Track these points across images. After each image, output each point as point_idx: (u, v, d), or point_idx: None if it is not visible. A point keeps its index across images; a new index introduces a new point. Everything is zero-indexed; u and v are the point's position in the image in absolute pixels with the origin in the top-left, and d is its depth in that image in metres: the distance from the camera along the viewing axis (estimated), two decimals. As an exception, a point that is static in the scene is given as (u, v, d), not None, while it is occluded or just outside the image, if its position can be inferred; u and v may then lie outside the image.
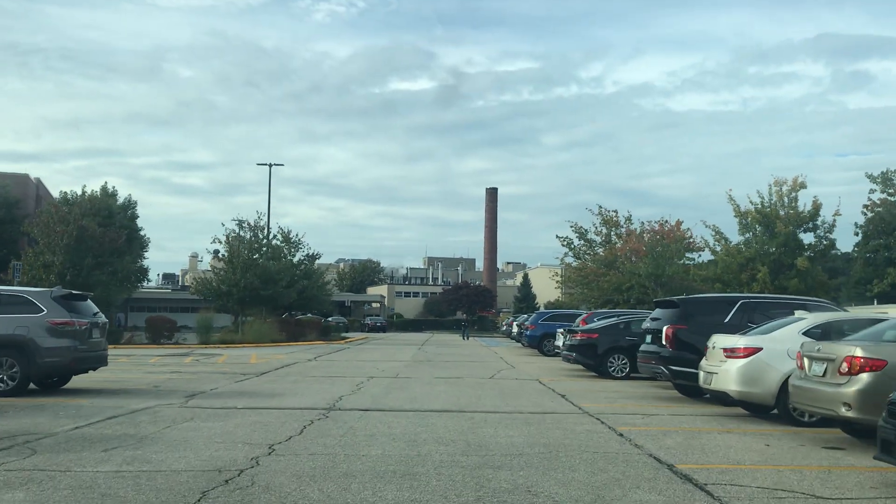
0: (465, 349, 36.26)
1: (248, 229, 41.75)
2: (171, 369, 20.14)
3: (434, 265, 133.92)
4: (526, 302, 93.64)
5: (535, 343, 29.86)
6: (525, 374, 20.20)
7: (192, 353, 28.27)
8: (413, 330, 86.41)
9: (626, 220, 59.20)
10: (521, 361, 25.76)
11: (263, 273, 40.81)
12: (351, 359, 26.14)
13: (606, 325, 19.18)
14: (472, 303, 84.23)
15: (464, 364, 23.90)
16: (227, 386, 15.74)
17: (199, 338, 36.08)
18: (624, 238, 57.78)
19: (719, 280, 42.76)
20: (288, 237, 49.83)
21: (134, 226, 55.32)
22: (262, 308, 45.52)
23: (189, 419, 10.46)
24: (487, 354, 31.03)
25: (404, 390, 15.13)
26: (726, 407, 12.40)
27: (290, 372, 19.80)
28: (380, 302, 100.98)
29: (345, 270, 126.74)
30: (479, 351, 34.53)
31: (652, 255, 48.50)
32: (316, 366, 22.33)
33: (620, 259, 55.65)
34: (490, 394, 14.68)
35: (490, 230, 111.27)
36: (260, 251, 41.80)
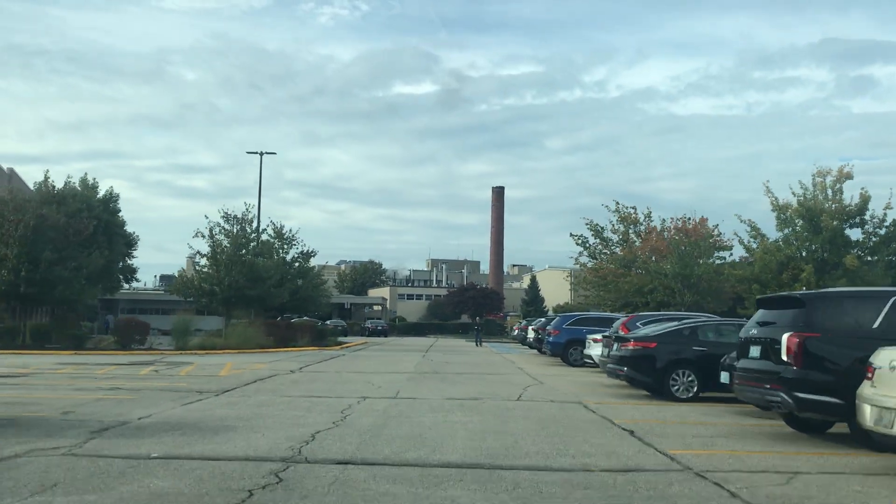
0: (475, 356, 32.05)
1: (234, 223, 37.61)
2: (113, 384, 15.97)
3: (438, 267, 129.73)
4: (534, 305, 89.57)
5: (558, 351, 25.66)
6: (560, 392, 15.98)
7: (158, 362, 24.12)
8: (416, 334, 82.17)
9: (645, 217, 55.10)
10: (546, 374, 21.54)
11: (250, 271, 36.68)
12: (343, 369, 21.94)
13: (667, 332, 14.94)
14: (478, 305, 79.95)
15: (479, 377, 19.71)
16: (166, 412, 11.56)
17: (177, 342, 31.91)
18: (643, 236, 53.79)
19: (756, 280, 38.53)
20: (280, 232, 45.76)
21: (116, 220, 51.27)
22: (252, 310, 41.45)
23: (49, 486, 6.29)
24: (503, 364, 26.82)
25: (406, 421, 10.93)
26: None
27: (262, 389, 15.61)
28: (381, 304, 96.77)
29: (345, 272, 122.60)
30: (492, 359, 30.31)
31: (678, 254, 44.36)
32: (297, 380, 18.13)
33: (641, 258, 51.62)
34: (527, 428, 10.47)
35: (496, 231, 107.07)
36: (247, 246, 37.65)
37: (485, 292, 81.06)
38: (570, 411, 12.56)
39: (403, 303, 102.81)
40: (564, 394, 15.56)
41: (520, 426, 10.61)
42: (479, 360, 28.61)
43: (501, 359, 30.43)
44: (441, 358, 29.97)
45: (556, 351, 25.71)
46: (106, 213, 48.69)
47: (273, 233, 45.64)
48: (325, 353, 32.56)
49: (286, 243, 45.86)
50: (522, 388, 16.56)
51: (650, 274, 48.19)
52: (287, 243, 45.87)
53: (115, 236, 48.82)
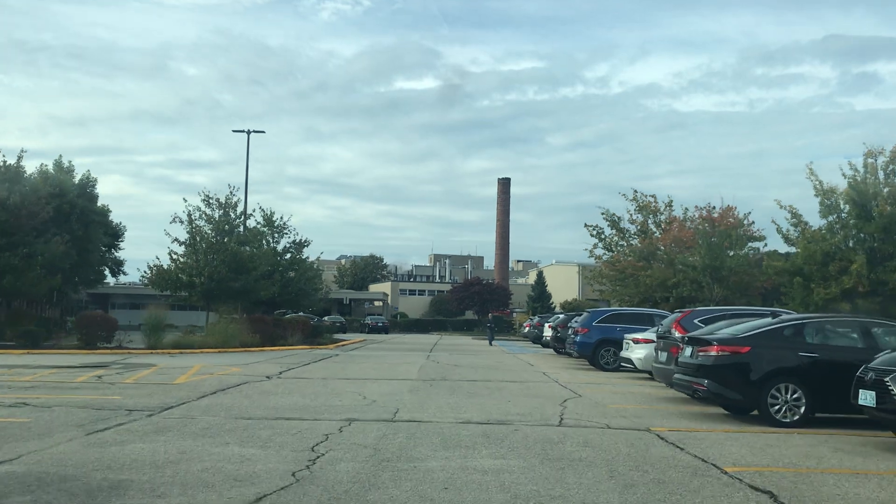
0: (487, 357, 28.16)
1: (216, 207, 33.72)
2: (24, 396, 12.13)
3: (441, 262, 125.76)
4: (540, 301, 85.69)
5: (587, 352, 21.72)
6: (611, 411, 12.09)
7: (114, 364, 20.29)
8: (418, 331, 78.33)
9: (666, 206, 51.27)
10: (579, 382, 17.66)
11: (234, 260, 32.81)
12: (332, 375, 18.05)
13: (762, 333, 11.00)
14: (484, 301, 75.97)
15: (499, 387, 15.85)
16: (45, 450, 7.71)
17: (148, 340, 28.06)
18: (665, 226, 49.93)
19: (798, 273, 34.59)
20: (270, 220, 41.92)
21: (94, 207, 47.44)
22: (238, 304, 37.59)
23: None
24: (521, 367, 22.93)
25: (407, 471, 7.04)
26: None
27: (217, 405, 11.74)
28: (382, 300, 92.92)
29: (345, 266, 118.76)
30: (507, 360, 26.42)
31: (706, 245, 40.44)
32: (270, 390, 14.25)
33: (662, 250, 47.74)
34: (597, 484, 6.59)
35: (502, 224, 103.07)
36: (231, 234, 33.76)
37: (491, 287, 77.11)
38: (645, 447, 8.66)
39: (405, 298, 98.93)
40: (618, 414, 11.66)
41: (586, 481, 6.72)
42: (493, 363, 24.72)
43: (517, 360, 26.54)
44: (448, 359, 26.10)
45: (584, 352, 21.78)
46: (82, 198, 44.94)
47: (263, 220, 41.84)
48: (317, 353, 28.68)
49: (277, 232, 42.03)
50: (560, 405, 12.66)
51: (673, 267, 44.46)
52: (278, 232, 42.03)
53: (92, 224, 45.02)
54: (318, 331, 40.99)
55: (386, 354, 28.82)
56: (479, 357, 28.28)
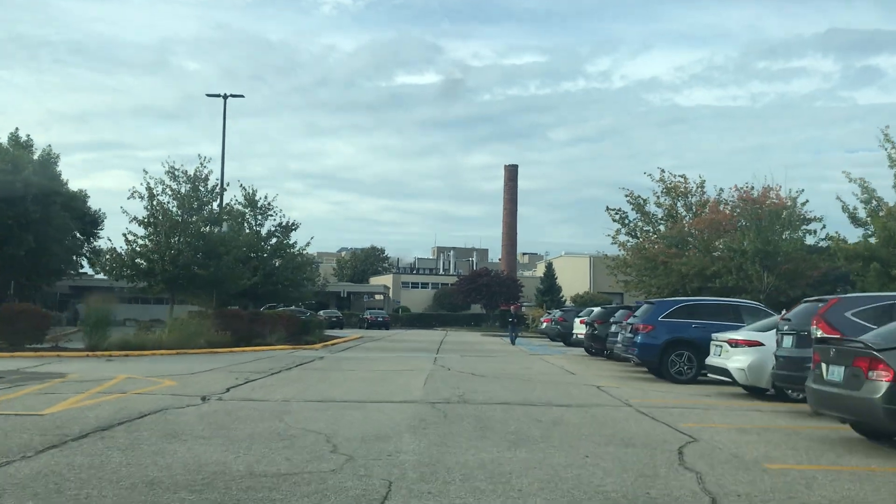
0: (507, 361, 22.67)
1: (183, 180, 28.22)
2: None
3: (445, 254, 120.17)
4: (550, 295, 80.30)
5: (651, 357, 16.03)
6: (774, 472, 6.58)
7: (8, 375, 14.86)
8: (421, 325, 72.87)
9: (697, 187, 45.64)
10: (659, 405, 12.16)
11: (201, 242, 27.36)
12: (297, 395, 12.49)
13: None
14: (492, 294, 70.27)
15: (552, 416, 10.39)
16: None
17: (89, 340, 22.63)
18: (697, 209, 44.44)
19: (875, 258, 29.04)
20: (252, 198, 36.44)
21: (59, 189, 42.06)
22: (211, 296, 32.20)
23: None
24: (559, 376, 17.42)
25: None
26: None
27: (47, 477, 6.24)
28: (383, 293, 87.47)
29: (345, 258, 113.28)
30: (537, 366, 20.90)
31: (756, 228, 34.94)
32: (180, 431, 8.70)
33: (697, 236, 42.27)
34: None
35: (509, 213, 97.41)
36: (200, 212, 28.24)
37: (500, 278, 71.42)
38: None
39: (408, 291, 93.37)
40: (797, 484, 6.15)
41: None
42: (520, 369, 19.22)
43: (548, 365, 21.02)
44: (461, 364, 20.61)
45: (647, 357, 16.13)
46: (44, 177, 39.53)
47: (243, 199, 36.33)
48: (297, 355, 23.21)
49: (260, 213, 36.53)
50: (678, 464, 7.13)
51: (710, 254, 39.14)
52: (261, 213, 36.52)
53: (53, 207, 39.62)
54: (308, 327, 35.48)
55: (382, 357, 23.32)
56: (499, 360, 22.77)
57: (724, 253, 38.11)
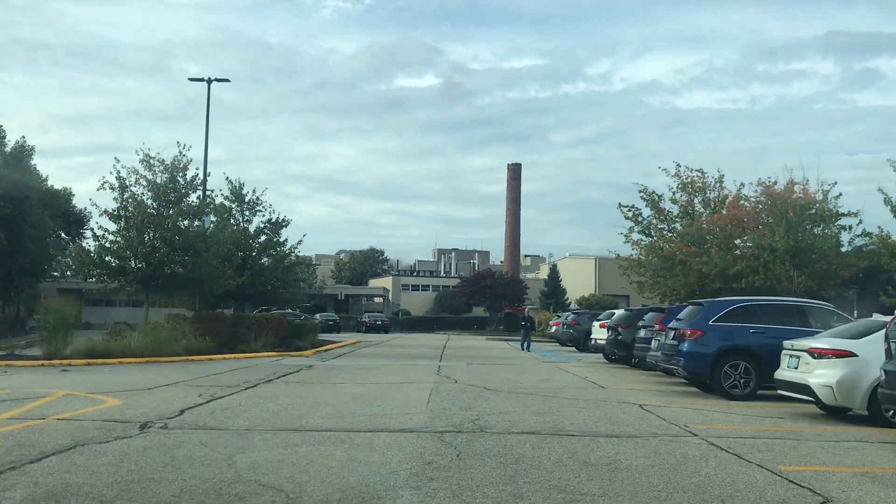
0: (522, 370, 19.97)
1: (159, 169, 25.57)
2: None
3: (446, 256, 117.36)
4: (555, 297, 77.64)
5: (702, 367, 13.26)
6: None
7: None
8: (422, 329, 70.15)
9: (716, 182, 42.98)
10: (729, 433, 9.51)
11: (178, 237, 24.71)
12: (262, 423, 9.71)
13: None
14: (496, 296, 67.49)
15: (601, 452, 7.79)
16: None
17: (47, 347, 19.97)
18: (717, 204, 41.87)
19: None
20: (239, 192, 33.78)
21: (33, 183, 39.45)
22: (193, 297, 29.62)
23: None
24: (588, 391, 14.72)
25: None
26: None
27: None
28: (383, 296, 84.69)
29: (343, 261, 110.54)
30: (558, 377, 18.19)
31: (785, 223, 32.32)
32: (79, 485, 6.03)
33: (718, 233, 39.66)
34: None
35: (512, 213, 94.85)
36: (178, 204, 25.56)
37: (504, 280, 68.61)
38: None
39: (408, 294, 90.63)
40: None
41: None
42: (539, 382, 16.53)
43: (570, 376, 18.30)
44: (469, 375, 17.93)
45: (696, 367, 13.33)
46: (16, 171, 36.97)
47: (230, 193, 33.66)
48: (282, 364, 20.52)
49: (248, 209, 33.86)
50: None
51: (731, 251, 36.64)
52: (249, 209, 33.86)
53: (28, 203, 37.01)
54: (300, 331, 32.77)
55: (379, 366, 20.62)
56: (511, 369, 20.07)
57: (750, 251, 35.58)
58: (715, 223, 38.53)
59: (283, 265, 33.79)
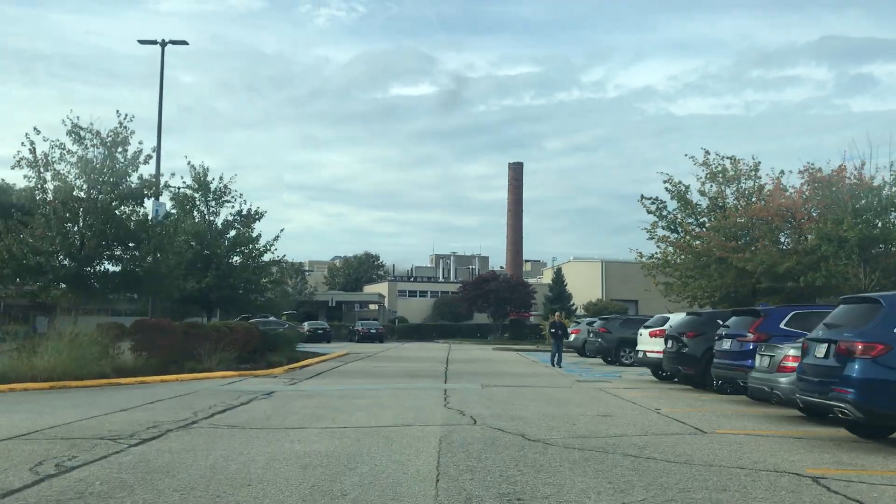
0: (567, 401, 14.61)
1: (93, 143, 20.37)
2: None
3: (444, 262, 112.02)
4: (560, 302, 72.39)
5: (890, 404, 8.15)
6: None
7: None
8: (420, 338, 64.88)
9: (751, 171, 37.96)
10: None
11: (117, 228, 19.53)
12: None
13: None
14: (500, 301, 62.08)
15: None
16: None
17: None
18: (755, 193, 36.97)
19: None
20: (203, 179, 28.58)
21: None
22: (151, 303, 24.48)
23: None
24: (692, 440, 9.50)
25: None
26: None
27: None
28: (378, 303, 79.41)
29: (337, 266, 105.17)
30: (623, 412, 12.82)
31: (851, 210, 27.29)
32: None
33: (758, 227, 34.71)
34: None
35: (514, 214, 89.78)
36: (117, 186, 20.31)
37: (510, 284, 63.24)
38: None
39: (405, 301, 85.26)
40: None
41: None
42: (607, 425, 11.22)
43: (636, 408, 12.97)
44: (491, 406, 12.70)
45: (885, 406, 8.14)
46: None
47: (193, 181, 28.44)
48: (234, 390, 15.26)
49: (214, 199, 28.61)
50: None
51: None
52: (215, 199, 28.59)
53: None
54: (275, 342, 27.61)
55: (363, 392, 15.32)
56: (546, 396, 14.78)
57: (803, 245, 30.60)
58: (756, 215, 33.45)
59: (256, 265, 28.51)
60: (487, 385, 16.77)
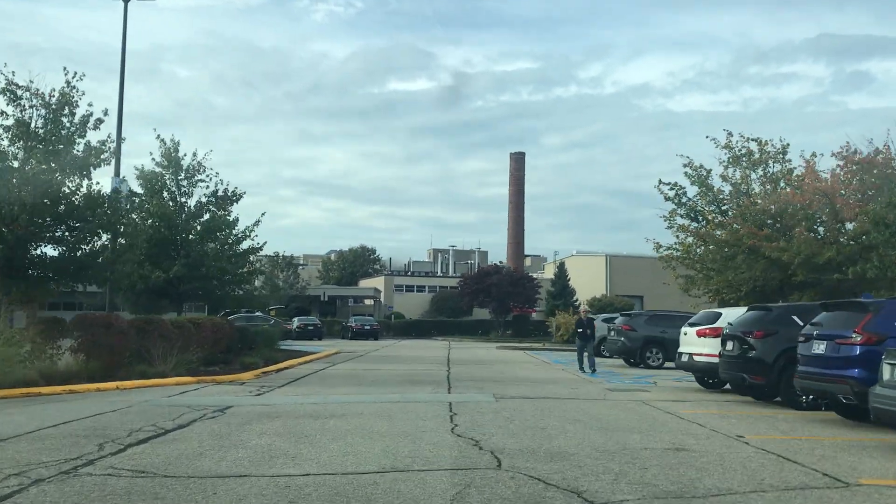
0: (615, 421, 11.33)
1: (31, 104, 17.06)
2: None
3: (444, 256, 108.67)
4: (563, 298, 69.27)
5: None
6: None
7: None
8: (417, 334, 61.58)
9: (778, 154, 34.78)
10: None
11: (54, 203, 16.25)
12: None
13: None
14: (504, 296, 58.64)
15: None
16: None
17: None
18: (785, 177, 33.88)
19: None
20: (173, 156, 25.30)
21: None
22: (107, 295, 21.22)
23: None
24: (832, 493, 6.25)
25: None
26: None
27: None
28: (374, 297, 76.06)
29: (331, 260, 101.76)
30: (709, 442, 9.65)
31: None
32: None
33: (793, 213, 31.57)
34: None
35: (515, 207, 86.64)
36: (57, 155, 17.00)
37: (513, 278, 59.86)
38: None
39: (401, 296, 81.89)
40: None
41: None
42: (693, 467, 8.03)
43: (717, 436, 9.74)
44: (517, 432, 9.47)
45: None
46: None
47: (162, 157, 25.13)
48: (182, 403, 11.99)
49: (187, 178, 25.30)
50: None
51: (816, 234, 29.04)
52: (188, 178, 25.28)
53: None
54: (253, 340, 24.39)
55: (342, 409, 11.99)
56: (583, 415, 11.50)
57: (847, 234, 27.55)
58: (790, 201, 30.24)
59: (232, 253, 25.18)
60: (502, 396, 13.52)
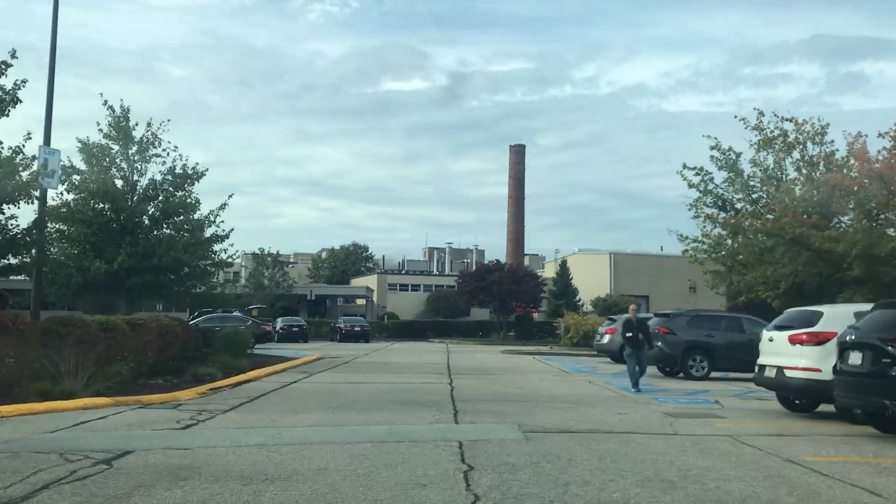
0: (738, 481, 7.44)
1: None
2: None
3: (439, 254, 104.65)
4: (565, 297, 65.67)
5: None
6: None
7: None
8: (412, 336, 57.54)
9: (818, 134, 31.12)
10: None
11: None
12: None
13: None
14: (505, 295, 54.49)
15: None
16: None
17: None
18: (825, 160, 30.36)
19: None
20: (124, 125, 21.27)
21: None
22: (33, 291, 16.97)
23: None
24: None
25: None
26: None
27: None
28: (366, 297, 72.01)
29: (322, 258, 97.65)
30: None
31: None
32: None
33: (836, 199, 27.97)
34: None
35: (515, 201, 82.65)
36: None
37: (515, 276, 55.76)
38: None
39: (395, 295, 77.82)
40: None
41: None
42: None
43: None
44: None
45: None
46: None
47: (110, 127, 21.12)
48: (60, 449, 7.89)
49: (140, 152, 21.27)
50: None
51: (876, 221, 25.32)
52: (141, 152, 21.26)
53: None
54: (221, 343, 20.33)
55: (299, 458, 7.90)
56: (672, 472, 7.57)
57: None
58: (839, 184, 26.44)
59: (192, 240, 21.13)
60: (532, 429, 9.54)
